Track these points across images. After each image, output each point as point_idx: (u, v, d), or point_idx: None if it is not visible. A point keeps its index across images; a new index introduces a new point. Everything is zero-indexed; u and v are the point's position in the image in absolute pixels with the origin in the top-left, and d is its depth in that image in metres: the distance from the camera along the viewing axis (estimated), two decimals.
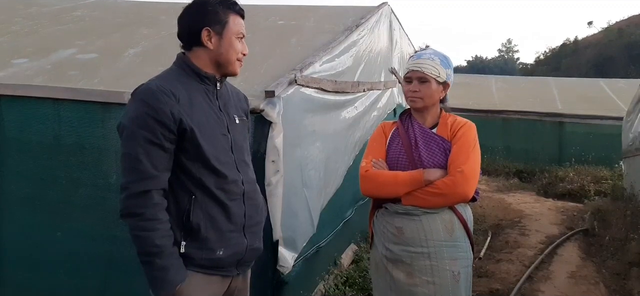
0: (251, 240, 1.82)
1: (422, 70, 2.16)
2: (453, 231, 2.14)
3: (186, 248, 1.67)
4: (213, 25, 1.75)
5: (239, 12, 1.81)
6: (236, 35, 1.78)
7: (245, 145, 1.89)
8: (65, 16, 4.97)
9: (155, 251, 1.59)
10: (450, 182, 2.07)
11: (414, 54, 2.30)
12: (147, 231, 1.59)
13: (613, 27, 47.90)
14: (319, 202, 3.41)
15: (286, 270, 2.89)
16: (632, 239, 4.99)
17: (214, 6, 1.76)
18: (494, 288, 4.22)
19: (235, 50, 1.78)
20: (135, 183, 1.60)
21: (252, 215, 1.83)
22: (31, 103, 3.00)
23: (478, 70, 42.21)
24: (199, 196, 1.69)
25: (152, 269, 1.61)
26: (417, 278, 2.12)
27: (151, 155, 1.60)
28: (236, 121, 1.85)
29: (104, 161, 2.88)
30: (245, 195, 1.79)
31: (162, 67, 1.85)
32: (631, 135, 7.18)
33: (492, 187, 9.38)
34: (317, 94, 3.36)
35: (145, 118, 1.60)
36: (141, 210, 1.59)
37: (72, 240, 2.96)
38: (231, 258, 1.76)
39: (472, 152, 2.12)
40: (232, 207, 1.74)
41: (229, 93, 1.90)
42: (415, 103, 2.21)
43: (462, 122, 2.21)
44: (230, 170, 1.75)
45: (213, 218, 1.70)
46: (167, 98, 1.62)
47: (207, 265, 1.71)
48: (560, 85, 13.98)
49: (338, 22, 4.45)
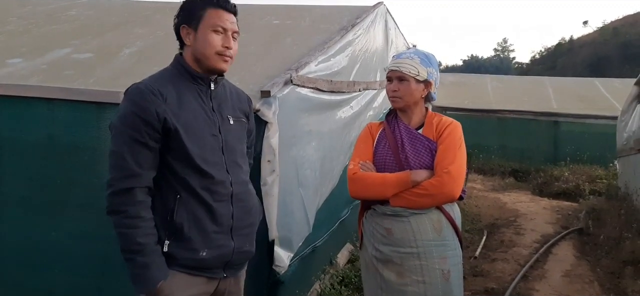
0: (239, 242, 1.79)
1: (400, 70, 2.19)
2: (441, 230, 2.16)
3: (169, 247, 1.67)
4: (189, 22, 1.74)
5: (219, 5, 1.74)
6: (212, 28, 1.71)
7: (239, 146, 1.86)
8: (60, 15, 4.95)
9: (136, 248, 1.61)
10: (437, 182, 2.09)
11: (395, 54, 2.32)
12: (130, 228, 1.61)
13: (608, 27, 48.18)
14: (314, 202, 3.41)
15: (282, 270, 2.90)
16: (626, 238, 5.02)
17: (191, 2, 1.75)
18: (489, 287, 4.24)
19: (211, 43, 1.71)
20: (119, 180, 1.62)
21: (242, 217, 1.79)
22: (26, 103, 2.99)
23: (473, 69, 42.39)
24: (184, 196, 1.68)
25: (133, 266, 1.63)
26: (408, 277, 2.14)
27: (136, 153, 1.62)
28: (230, 122, 1.82)
29: (98, 161, 2.87)
30: (233, 196, 1.76)
31: (158, 66, 1.85)
32: (625, 135, 7.21)
33: (488, 186, 9.42)
34: (313, 94, 3.36)
35: (132, 117, 1.62)
36: (124, 207, 1.61)
37: (67, 239, 2.95)
38: (216, 259, 1.74)
39: (458, 151, 2.14)
40: (218, 208, 1.72)
41: (226, 94, 1.87)
42: (396, 103, 2.25)
43: (448, 122, 2.23)
44: (218, 170, 1.73)
45: (197, 218, 1.69)
46: (154, 98, 1.64)
47: (190, 265, 1.70)
48: (556, 85, 14.06)
49: (333, 21, 4.45)
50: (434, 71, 2.24)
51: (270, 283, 2.91)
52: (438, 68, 2.30)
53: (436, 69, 2.26)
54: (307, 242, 3.38)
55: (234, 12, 1.79)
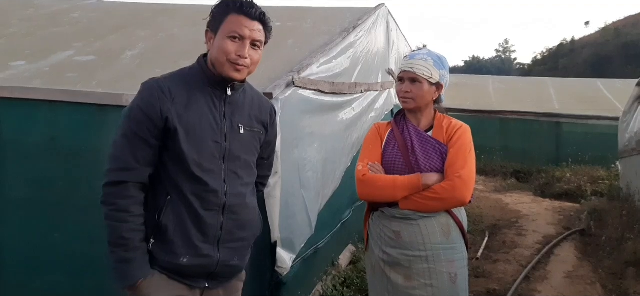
0: (226, 255, 1.73)
1: (413, 71, 2.15)
2: (450, 234, 2.15)
3: (153, 247, 1.67)
4: (213, 26, 1.72)
5: (242, 12, 1.68)
6: (228, 34, 1.67)
7: (245, 157, 1.78)
8: (62, 18, 4.97)
9: (121, 242, 1.61)
10: (448, 186, 2.07)
11: (408, 54, 2.30)
12: (117, 222, 1.61)
13: (610, 27, 48.11)
14: (316, 203, 3.41)
15: (284, 271, 2.90)
16: (628, 239, 5.01)
17: (217, 7, 1.73)
18: (492, 288, 4.24)
19: (224, 50, 1.66)
20: (114, 172, 1.63)
21: (232, 230, 1.73)
22: (28, 105, 3.00)
23: (475, 70, 42.40)
24: (174, 198, 1.66)
25: (115, 259, 1.63)
26: (415, 281, 2.13)
27: (135, 147, 1.62)
28: (240, 131, 1.76)
29: (100, 163, 2.84)
30: (226, 207, 1.70)
31: (160, 69, 1.86)
32: (627, 135, 7.20)
33: (490, 187, 9.41)
34: (315, 96, 3.36)
35: (136, 111, 1.64)
36: (115, 200, 1.62)
37: (70, 241, 2.96)
38: (197, 269, 1.69)
39: (469, 156, 2.12)
40: (206, 217, 1.67)
41: (245, 102, 1.81)
42: (407, 104, 2.20)
43: (458, 125, 2.20)
44: (213, 178, 1.68)
45: (183, 223, 1.66)
46: (162, 95, 1.64)
47: (169, 268, 1.67)
48: (557, 86, 14.05)
49: (335, 23, 4.45)
50: (446, 74, 2.20)
51: (273, 285, 2.92)
52: (449, 70, 2.26)
53: (448, 71, 2.23)
54: (309, 244, 3.38)
55: (259, 19, 1.72)
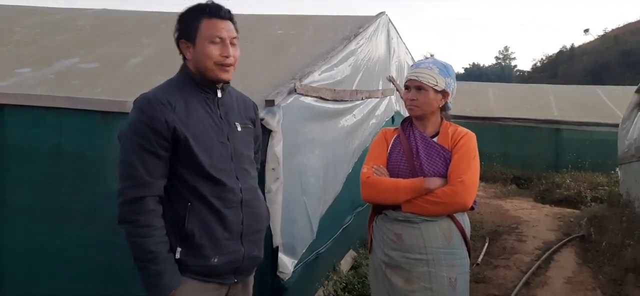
0: (249, 248, 1.81)
1: (419, 79, 2.20)
2: (451, 239, 2.17)
3: (181, 255, 1.70)
4: (186, 36, 1.75)
5: (213, 15, 1.73)
6: (209, 39, 1.72)
7: (247, 152, 1.88)
8: (66, 25, 5.01)
9: (149, 257, 1.63)
10: (450, 191, 2.11)
11: (414, 63, 2.35)
12: (142, 237, 1.63)
13: (609, 35, 48.23)
14: (318, 209, 3.44)
15: (286, 276, 2.92)
16: (628, 245, 5.02)
17: (186, 16, 1.76)
18: (492, 293, 4.25)
19: (209, 55, 1.72)
20: (130, 189, 1.64)
21: (251, 223, 1.82)
22: (33, 112, 3.03)
23: (475, 77, 42.44)
24: (195, 203, 1.70)
25: (147, 274, 1.65)
26: (415, 284, 2.16)
27: (146, 162, 1.64)
28: (238, 129, 1.85)
29: (104, 169, 2.90)
30: (243, 202, 1.79)
31: (163, 76, 1.89)
32: (627, 142, 7.22)
33: (490, 193, 9.42)
34: (316, 103, 3.40)
35: (141, 126, 1.65)
36: (136, 216, 1.63)
37: (72, 247, 2.98)
38: (227, 265, 1.77)
39: (472, 162, 2.16)
40: (229, 214, 1.74)
41: (233, 101, 1.90)
42: (414, 111, 2.26)
43: (463, 132, 2.25)
44: (228, 177, 1.75)
45: (208, 226, 1.71)
46: (163, 107, 1.66)
47: (201, 271, 1.73)
48: (557, 92, 14.06)
49: (337, 31, 4.49)
50: (452, 81, 2.25)
51: (274, 290, 2.94)
52: (455, 78, 2.31)
53: (454, 79, 2.28)
54: (311, 249, 3.40)
55: (229, 18, 1.77)
